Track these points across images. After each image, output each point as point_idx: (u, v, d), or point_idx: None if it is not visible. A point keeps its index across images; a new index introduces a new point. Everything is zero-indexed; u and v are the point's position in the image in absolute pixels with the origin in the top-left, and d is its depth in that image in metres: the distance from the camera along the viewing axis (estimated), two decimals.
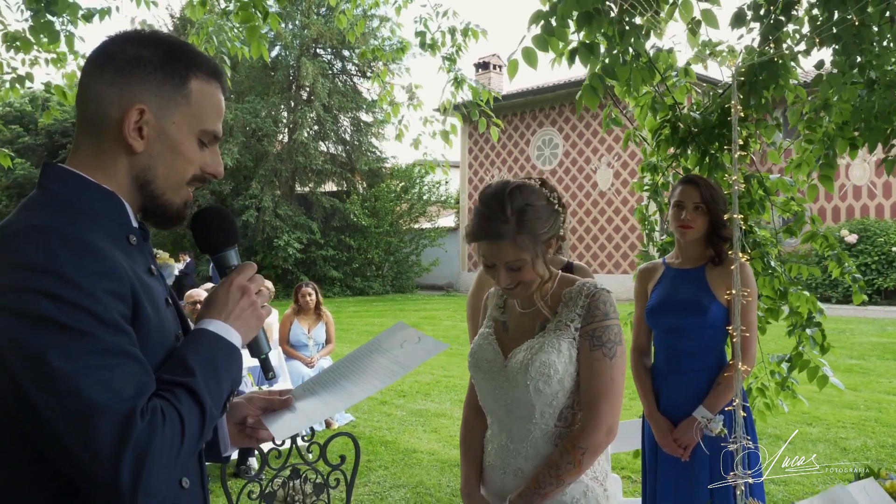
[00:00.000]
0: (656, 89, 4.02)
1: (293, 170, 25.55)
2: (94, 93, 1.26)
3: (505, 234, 1.91)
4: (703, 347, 3.01)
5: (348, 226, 25.39)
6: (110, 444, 1.05)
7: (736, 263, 2.80)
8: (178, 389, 1.16)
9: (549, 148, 23.60)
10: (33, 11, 3.92)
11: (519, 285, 1.98)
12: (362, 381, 1.51)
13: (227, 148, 23.76)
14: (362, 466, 6.03)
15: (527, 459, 2.00)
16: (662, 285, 3.18)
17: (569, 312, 1.98)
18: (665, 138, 4.12)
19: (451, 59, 5.21)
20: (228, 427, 1.50)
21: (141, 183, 1.29)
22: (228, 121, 24.09)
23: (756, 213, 4.04)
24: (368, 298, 23.98)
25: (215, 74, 1.34)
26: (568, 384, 1.96)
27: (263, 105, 24.81)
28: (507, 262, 1.94)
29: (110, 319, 1.11)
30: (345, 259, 25.26)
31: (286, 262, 23.92)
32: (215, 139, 1.36)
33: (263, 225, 24.12)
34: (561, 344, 1.95)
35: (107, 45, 1.29)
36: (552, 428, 1.99)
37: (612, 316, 1.97)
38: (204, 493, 1.36)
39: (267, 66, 25.63)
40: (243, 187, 24.76)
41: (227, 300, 1.32)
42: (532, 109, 23.86)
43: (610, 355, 1.94)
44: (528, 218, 1.93)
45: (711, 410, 2.93)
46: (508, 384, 2.01)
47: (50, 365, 1.05)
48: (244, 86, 25.90)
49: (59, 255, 1.09)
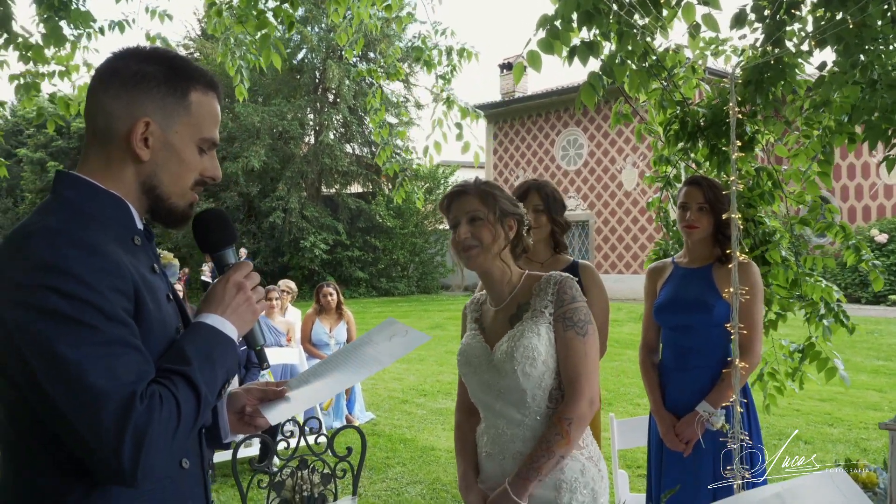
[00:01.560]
0: (665, 85, 4.06)
1: (319, 171, 25.80)
2: (101, 106, 1.37)
3: (468, 189, 2.20)
4: (709, 345, 3.06)
5: (374, 227, 25.58)
6: (112, 426, 1.16)
7: (734, 262, 2.85)
8: (175, 377, 1.27)
9: (573, 148, 23.56)
10: (45, 18, 4.06)
11: (475, 248, 2.14)
12: (351, 370, 1.62)
13: (254, 150, 24.08)
14: (380, 463, 6.14)
15: (525, 442, 2.12)
16: (670, 284, 3.24)
17: (541, 300, 2.15)
18: (674, 133, 4.17)
19: (445, 77, 5.30)
20: (228, 415, 1.61)
21: (147, 188, 1.40)
22: (256, 123, 24.42)
23: (766, 204, 4.07)
24: (394, 299, 24.13)
25: (212, 87, 1.45)
26: (552, 364, 2.11)
27: (290, 108, 25.09)
28: (468, 212, 2.16)
29: (114, 313, 1.21)
30: (370, 260, 25.46)
31: (312, 262, 24.16)
32: (213, 145, 1.46)
33: (290, 226, 24.38)
34: (539, 328, 2.11)
35: (112, 61, 1.40)
36: (545, 409, 2.12)
37: (578, 299, 2.15)
38: (204, 475, 1.45)
39: (293, 69, 25.93)
40: (270, 189, 25.05)
41: (223, 296, 1.42)
42: (557, 110, 23.83)
43: (582, 333, 2.11)
44: (494, 187, 2.22)
45: (714, 405, 2.98)
46: (498, 374, 2.14)
47: (58, 354, 1.16)
48: (271, 88, 26.22)
49: (67, 254, 1.20)
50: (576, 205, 23.47)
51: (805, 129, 3.96)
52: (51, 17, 4.23)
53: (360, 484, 5.57)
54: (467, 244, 2.15)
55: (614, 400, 8.34)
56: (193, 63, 1.45)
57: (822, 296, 3.95)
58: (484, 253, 2.16)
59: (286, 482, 2.49)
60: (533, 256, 3.28)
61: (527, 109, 24.53)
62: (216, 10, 4.67)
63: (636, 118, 4.69)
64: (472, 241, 2.15)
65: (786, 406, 7.58)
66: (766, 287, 3.94)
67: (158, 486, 1.31)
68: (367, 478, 5.76)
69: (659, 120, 4.24)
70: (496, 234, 2.16)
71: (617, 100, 4.52)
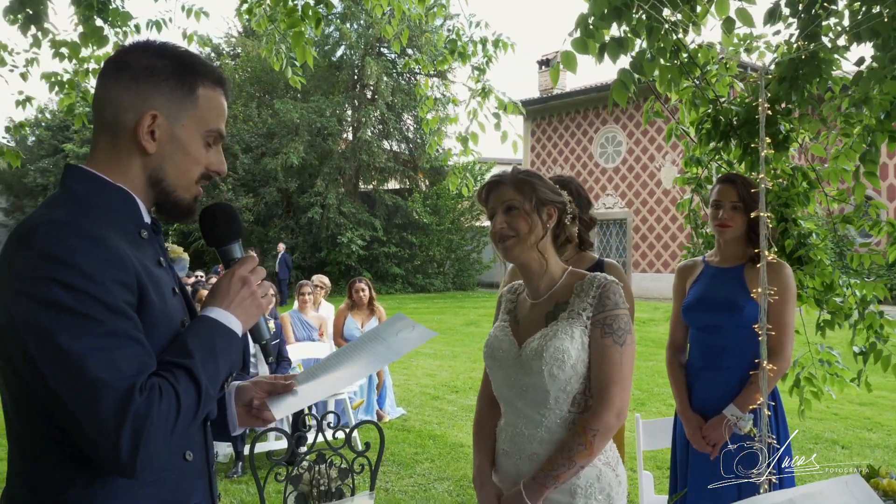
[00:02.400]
0: (696, 83, 3.99)
1: (357, 168, 25.97)
2: (110, 99, 1.39)
3: (506, 178, 2.14)
4: (738, 346, 2.99)
5: (410, 223, 25.66)
6: (112, 416, 1.18)
7: (762, 261, 2.79)
8: (176, 370, 1.28)
9: (612, 145, 23.34)
10: (85, 18, 4.13)
11: (511, 239, 2.09)
12: (357, 365, 1.63)
13: (292, 146, 24.33)
14: (409, 458, 6.15)
15: (542, 444, 2.06)
16: (700, 283, 3.18)
17: (581, 302, 2.07)
18: (706, 132, 4.09)
19: (480, 69, 5.27)
20: (236, 408, 1.62)
21: (154, 181, 1.41)
22: (295, 120, 24.65)
23: (801, 205, 3.97)
24: (429, 295, 24.18)
25: (220, 82, 1.46)
26: (581, 370, 2.03)
27: (328, 104, 25.28)
28: (504, 202, 2.10)
29: (116, 306, 1.23)
30: (407, 256, 25.54)
31: (349, 258, 24.33)
32: (220, 137, 1.47)
33: (327, 222, 24.59)
34: (574, 331, 2.03)
35: (122, 55, 1.41)
36: (566, 413, 2.05)
37: (621, 306, 2.07)
38: (209, 468, 1.46)
39: (332, 66, 26.11)
40: (308, 185, 25.29)
41: (228, 290, 1.42)
42: (595, 107, 23.61)
43: (620, 342, 2.03)
44: (532, 175, 2.15)
45: (742, 409, 2.91)
46: (523, 371, 2.08)
47: (60, 345, 1.18)
48: (310, 85, 26.42)
49: (72, 246, 1.22)
50: (613, 203, 23.26)
51: (844, 127, 3.86)
52: (90, 16, 4.31)
53: (387, 479, 5.61)
54: (503, 234, 2.10)
55: (647, 400, 8.24)
56: (202, 58, 1.46)
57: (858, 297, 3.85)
58: (520, 244, 2.09)
59: (304, 476, 2.51)
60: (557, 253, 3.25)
61: (565, 106, 24.36)
62: (248, 9, 4.71)
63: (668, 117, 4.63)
64: (508, 232, 2.09)
65: (824, 410, 7.41)
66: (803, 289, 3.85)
67: (161, 477, 1.32)
68: (394, 473, 5.78)
69: (691, 119, 4.17)
70: (532, 223, 2.08)
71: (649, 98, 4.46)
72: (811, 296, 3.94)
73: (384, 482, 5.58)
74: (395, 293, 24.44)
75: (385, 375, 7.76)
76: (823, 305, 3.92)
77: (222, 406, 1.61)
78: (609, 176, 23.37)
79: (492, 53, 5.55)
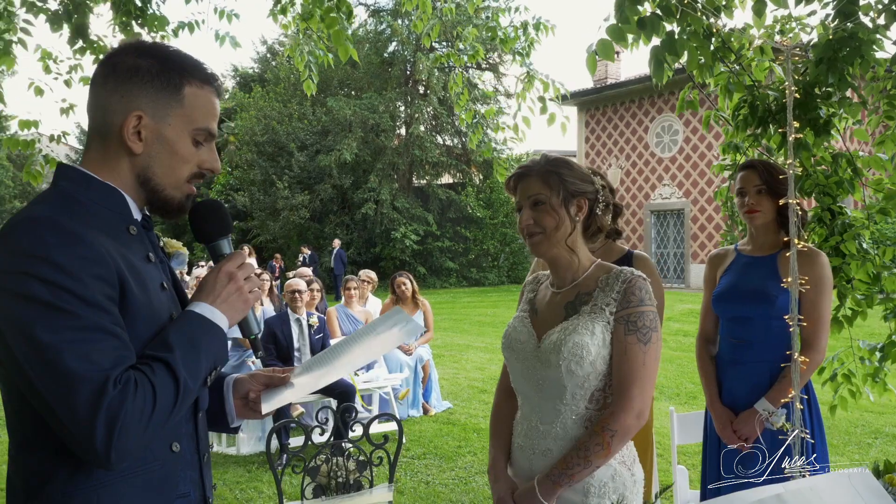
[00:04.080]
0: (731, 69, 3.88)
1: (410, 163, 26.11)
2: (99, 101, 1.42)
3: (533, 169, 2.06)
4: (769, 338, 2.90)
5: (464, 217, 25.69)
6: (86, 408, 1.21)
7: (792, 249, 2.70)
8: (155, 363, 1.30)
9: (668, 134, 22.89)
10: (123, 24, 4.25)
11: (538, 235, 2.03)
12: (350, 357, 1.65)
13: (346, 143, 24.60)
14: (452, 452, 6.17)
15: (556, 440, 2.01)
16: (731, 272, 3.10)
17: (605, 297, 2.00)
18: (744, 118, 3.98)
19: (522, 53, 5.21)
20: (234, 401, 1.65)
21: (143, 180, 1.44)
22: (348, 117, 24.91)
23: (845, 193, 3.83)
24: (484, 289, 24.16)
25: (208, 80, 1.47)
26: (600, 367, 1.98)
27: (381, 101, 25.47)
28: (530, 196, 2.04)
29: (93, 300, 1.26)
30: (461, 250, 25.58)
31: (403, 253, 24.50)
32: (210, 136, 1.48)
33: (381, 217, 24.80)
34: (595, 327, 1.97)
35: (111, 56, 1.44)
36: (583, 410, 2.00)
37: (647, 302, 1.98)
38: (200, 460, 1.49)
39: (384, 62, 26.28)
40: (362, 181, 25.54)
41: (214, 285, 1.45)
42: (651, 95, 23.18)
43: (644, 340, 1.95)
44: (560, 165, 2.06)
45: (774, 403, 2.83)
46: (541, 364, 2.03)
47: (37, 338, 1.21)
48: (362, 82, 26.69)
49: (49, 242, 1.25)
50: (670, 193, 22.84)
51: (888, 110, 3.70)
52: (128, 22, 4.42)
53: (429, 472, 5.64)
54: (530, 231, 2.05)
55: (699, 393, 8.07)
56: (191, 56, 1.48)
57: None
58: (547, 240, 2.04)
59: (321, 468, 2.54)
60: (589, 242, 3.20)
61: (619, 96, 23.99)
62: (281, 8, 4.77)
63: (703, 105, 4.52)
64: (535, 228, 2.04)
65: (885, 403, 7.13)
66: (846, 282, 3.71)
67: (146, 468, 1.35)
68: (436, 466, 5.81)
69: (721, 106, 4.06)
70: (560, 219, 2.02)
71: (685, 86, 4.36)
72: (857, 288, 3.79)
73: (426, 475, 5.61)
74: (449, 287, 24.50)
75: (430, 369, 7.80)
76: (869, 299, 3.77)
77: (221, 398, 1.64)
78: (665, 166, 22.94)
79: (534, 37, 5.49)
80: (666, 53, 3.27)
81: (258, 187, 25.86)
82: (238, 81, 32.07)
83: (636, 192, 23.68)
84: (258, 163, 25.82)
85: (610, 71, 24.93)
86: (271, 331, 6.26)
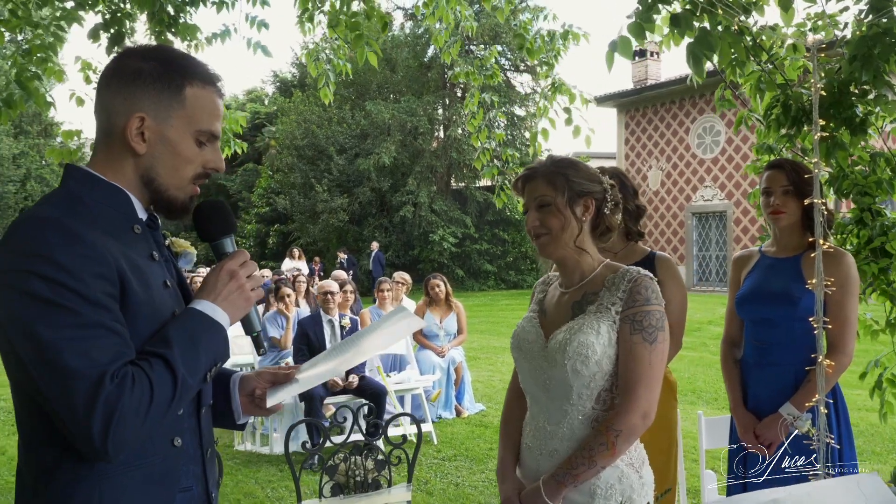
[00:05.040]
0: (762, 68, 3.81)
1: (448, 166, 26.16)
2: (103, 103, 1.46)
3: (538, 170, 2.07)
4: (792, 341, 2.85)
5: (502, 220, 25.62)
6: (83, 402, 1.25)
7: (817, 251, 2.64)
8: (153, 359, 1.33)
9: (710, 135, 22.55)
10: (157, 33, 4.35)
11: (544, 236, 2.04)
12: (354, 353, 1.67)
13: (384, 147, 24.75)
14: (483, 454, 6.16)
15: (562, 441, 2.01)
16: (755, 274, 3.05)
17: (610, 296, 2.00)
18: (776, 118, 3.90)
19: (549, 63, 5.19)
20: (241, 398, 1.67)
21: (147, 181, 1.47)
22: (387, 120, 25.06)
23: (885, 194, 3.73)
24: (522, 292, 24.06)
25: (210, 81, 1.50)
26: (606, 367, 1.97)
27: (419, 104, 25.58)
28: (536, 198, 2.04)
29: (93, 298, 1.29)
30: (499, 253, 25.53)
31: (441, 256, 24.54)
32: (213, 137, 1.51)
33: (420, 220, 24.88)
34: (600, 326, 1.97)
35: (115, 60, 1.49)
36: (589, 410, 1.99)
37: (653, 302, 1.97)
38: (203, 455, 1.52)
39: (422, 66, 26.40)
40: (401, 184, 25.65)
41: (216, 283, 1.48)
42: (692, 96, 22.85)
43: (650, 340, 1.94)
44: (566, 165, 2.06)
45: (798, 408, 2.77)
46: (548, 364, 2.04)
47: (38, 335, 1.26)
48: (401, 86, 26.82)
49: (51, 242, 1.29)
50: (713, 195, 22.49)
51: None
52: (162, 31, 4.53)
53: (459, 474, 5.64)
54: (536, 232, 2.06)
55: None
56: (192, 58, 1.51)
57: None
58: (553, 242, 2.05)
59: (339, 467, 2.56)
60: (606, 245, 3.17)
61: (659, 97, 23.70)
62: (308, 16, 4.83)
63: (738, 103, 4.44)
64: (542, 229, 2.05)
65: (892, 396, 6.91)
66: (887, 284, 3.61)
67: (146, 461, 1.38)
68: (467, 468, 5.80)
69: (756, 106, 3.99)
70: (566, 220, 2.03)
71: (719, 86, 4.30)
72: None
73: (456, 477, 5.61)
74: (487, 290, 24.48)
75: (463, 371, 7.80)
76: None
77: (227, 396, 1.67)
78: (707, 167, 22.60)
79: (560, 46, 5.47)
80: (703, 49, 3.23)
81: (298, 190, 26.15)
82: (278, 87, 32.52)
83: (677, 193, 23.37)
84: (298, 166, 26.12)
85: (650, 72, 24.66)
86: (304, 331, 6.33)
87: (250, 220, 28.49)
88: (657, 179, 23.83)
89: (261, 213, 28.22)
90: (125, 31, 4.67)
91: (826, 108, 3.71)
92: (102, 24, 4.65)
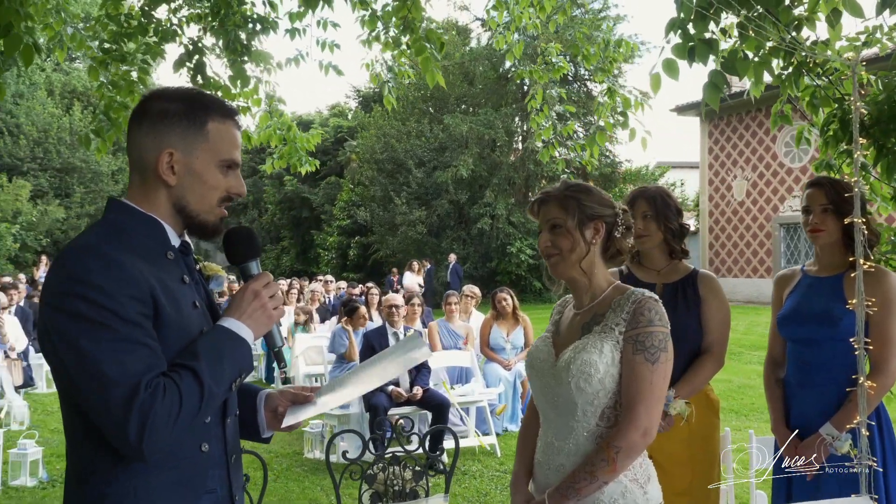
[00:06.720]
0: (816, 83, 3.76)
1: (526, 177, 26.17)
2: (136, 142, 1.66)
3: (552, 194, 2.19)
4: (835, 361, 2.82)
5: None
6: (120, 408, 1.43)
7: (858, 270, 2.61)
8: (182, 371, 1.51)
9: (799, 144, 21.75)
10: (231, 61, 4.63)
11: (554, 256, 2.14)
12: (369, 378, 1.80)
13: (462, 159, 24.97)
14: None
15: (568, 456, 2.09)
16: (796, 293, 3.02)
17: (615, 317, 2.09)
18: (833, 133, 3.84)
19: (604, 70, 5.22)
20: (266, 414, 1.84)
21: (179, 208, 1.66)
22: (464, 133, 25.28)
23: None
24: None
25: (228, 114, 1.69)
26: (609, 385, 2.05)
27: (497, 116, 25.70)
28: (549, 220, 2.16)
29: (128, 316, 1.48)
30: None
31: (519, 268, 24.54)
32: (234, 164, 1.69)
33: (497, 232, 24.95)
34: (604, 345, 2.06)
35: (143, 102, 1.68)
36: (594, 427, 2.08)
37: (656, 323, 2.05)
38: (227, 461, 1.68)
39: (500, 78, 26.53)
40: (478, 196, 25.80)
41: (241, 302, 1.65)
42: None
43: (652, 360, 2.02)
44: (579, 190, 2.17)
45: (839, 428, 2.73)
46: (555, 381, 2.13)
47: (81, 348, 1.45)
48: (479, 98, 27.02)
49: (91, 268, 1.49)
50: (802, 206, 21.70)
51: None
52: (236, 60, 4.82)
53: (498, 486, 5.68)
54: (547, 252, 2.17)
55: None
56: (211, 96, 1.70)
57: None
58: (563, 261, 2.15)
59: (378, 476, 2.68)
60: (649, 264, 3.20)
61: (745, 105, 23.01)
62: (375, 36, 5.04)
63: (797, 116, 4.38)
64: (552, 250, 2.15)
65: None
66: None
67: (177, 464, 1.55)
68: None
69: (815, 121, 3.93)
70: (575, 241, 2.13)
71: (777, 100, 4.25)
72: None
73: None
74: None
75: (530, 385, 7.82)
76: None
77: (254, 411, 1.83)
78: (796, 176, 21.80)
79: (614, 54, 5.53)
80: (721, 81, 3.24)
81: (378, 203, 26.67)
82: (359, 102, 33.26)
83: (763, 204, 22.64)
84: (378, 180, 26.64)
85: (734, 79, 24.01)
86: (370, 343, 6.53)
87: (332, 233, 29.22)
88: (742, 189, 23.16)
89: (342, 226, 28.90)
90: (205, 60, 4.99)
91: (886, 122, 3.64)
92: (186, 54, 4.99)
